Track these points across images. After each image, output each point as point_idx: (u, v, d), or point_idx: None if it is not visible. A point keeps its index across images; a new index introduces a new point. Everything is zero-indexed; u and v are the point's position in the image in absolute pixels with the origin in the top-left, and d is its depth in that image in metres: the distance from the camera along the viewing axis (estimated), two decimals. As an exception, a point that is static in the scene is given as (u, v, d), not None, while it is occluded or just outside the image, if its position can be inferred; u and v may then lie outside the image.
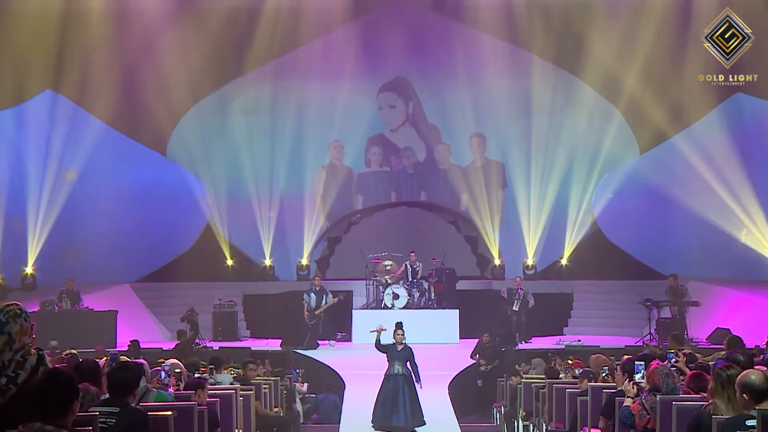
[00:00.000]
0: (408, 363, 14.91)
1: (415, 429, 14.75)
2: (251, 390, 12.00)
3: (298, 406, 17.08)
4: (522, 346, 22.05)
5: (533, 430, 14.45)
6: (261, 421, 12.46)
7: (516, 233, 26.82)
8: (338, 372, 19.41)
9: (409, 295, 23.15)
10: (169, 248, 26.69)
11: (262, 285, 26.45)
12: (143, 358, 10.58)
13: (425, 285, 23.71)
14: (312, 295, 22.69)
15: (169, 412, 7.43)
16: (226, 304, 23.90)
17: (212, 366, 12.09)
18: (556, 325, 24.83)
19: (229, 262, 27.00)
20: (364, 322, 22.68)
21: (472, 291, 25.68)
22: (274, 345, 22.19)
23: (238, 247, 27.28)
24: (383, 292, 23.23)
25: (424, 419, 14.89)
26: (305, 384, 18.47)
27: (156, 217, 26.47)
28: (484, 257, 27.52)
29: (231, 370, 13.76)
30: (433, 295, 23.64)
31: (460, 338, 22.73)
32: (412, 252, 23.79)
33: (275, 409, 13.92)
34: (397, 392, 14.75)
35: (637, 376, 9.03)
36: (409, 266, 23.65)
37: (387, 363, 14.96)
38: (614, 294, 25.52)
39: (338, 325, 23.54)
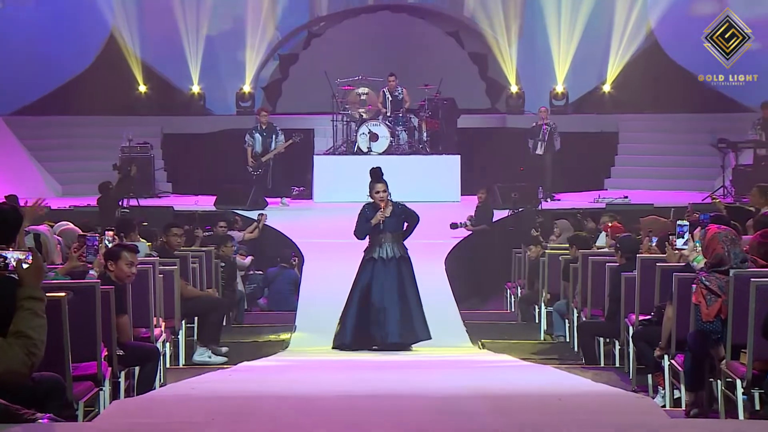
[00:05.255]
0: (403, 237, 13.26)
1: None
2: (175, 265, 12.09)
3: (240, 287, 17.25)
4: (546, 204, 22.21)
5: (560, 319, 14.66)
6: (189, 306, 12.56)
7: (541, 50, 26.71)
8: (294, 240, 19.57)
9: (391, 136, 23.13)
10: (57, 68, 26.43)
11: (189, 121, 26.39)
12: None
13: (414, 122, 23.69)
14: (257, 135, 22.66)
15: (62, 294, 7.47)
16: (139, 147, 23.83)
17: (121, 231, 12.10)
18: (594, 177, 25.04)
19: (142, 88, 26.85)
20: (330, 172, 22.79)
21: (479, 129, 25.77)
22: (206, 203, 22.29)
23: (153, 67, 27.09)
24: (356, 132, 23.21)
25: (429, 331, 13.17)
26: (248, 257, 18.61)
27: (38, 24, 26.14)
28: (497, 83, 27.48)
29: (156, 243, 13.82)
30: (425, 135, 23.65)
31: (462, 195, 22.85)
32: (390, 75, 23.54)
33: (208, 291, 14.03)
34: (386, 289, 13.02)
35: (679, 242, 9.07)
36: (387, 94, 23.51)
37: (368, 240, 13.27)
38: (675, 133, 25.63)
39: (294, 177, 23.66)
